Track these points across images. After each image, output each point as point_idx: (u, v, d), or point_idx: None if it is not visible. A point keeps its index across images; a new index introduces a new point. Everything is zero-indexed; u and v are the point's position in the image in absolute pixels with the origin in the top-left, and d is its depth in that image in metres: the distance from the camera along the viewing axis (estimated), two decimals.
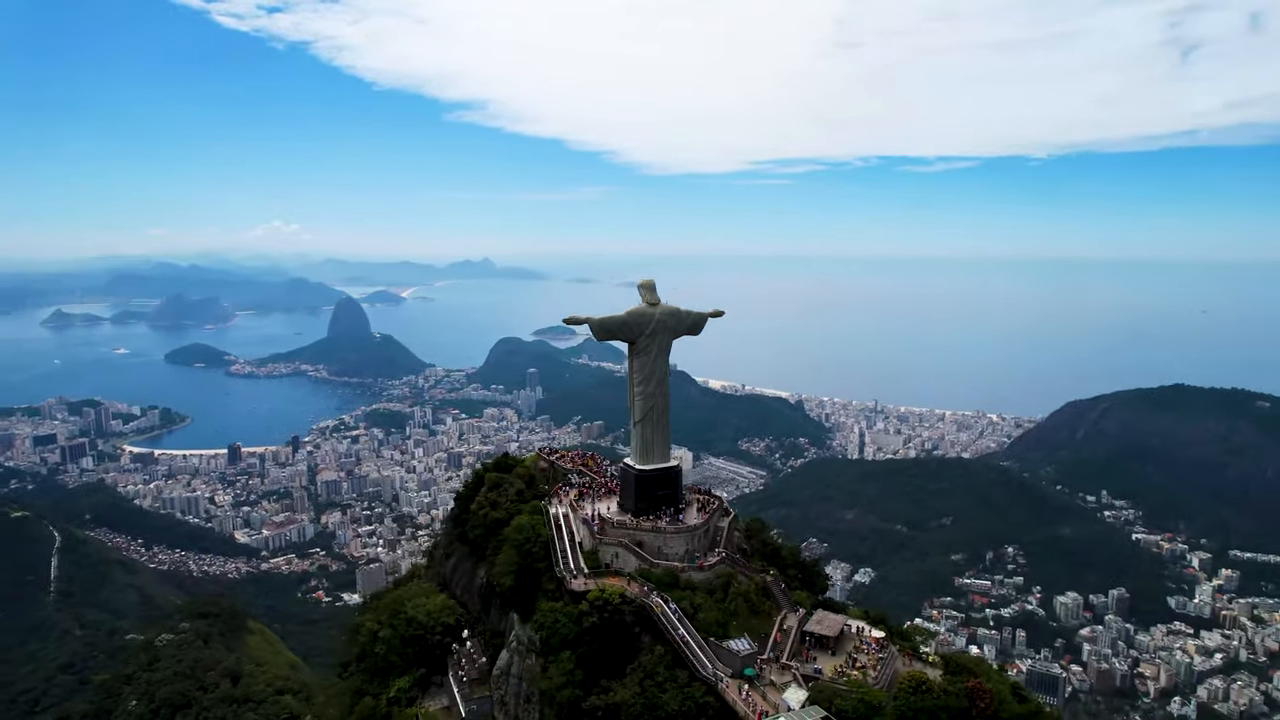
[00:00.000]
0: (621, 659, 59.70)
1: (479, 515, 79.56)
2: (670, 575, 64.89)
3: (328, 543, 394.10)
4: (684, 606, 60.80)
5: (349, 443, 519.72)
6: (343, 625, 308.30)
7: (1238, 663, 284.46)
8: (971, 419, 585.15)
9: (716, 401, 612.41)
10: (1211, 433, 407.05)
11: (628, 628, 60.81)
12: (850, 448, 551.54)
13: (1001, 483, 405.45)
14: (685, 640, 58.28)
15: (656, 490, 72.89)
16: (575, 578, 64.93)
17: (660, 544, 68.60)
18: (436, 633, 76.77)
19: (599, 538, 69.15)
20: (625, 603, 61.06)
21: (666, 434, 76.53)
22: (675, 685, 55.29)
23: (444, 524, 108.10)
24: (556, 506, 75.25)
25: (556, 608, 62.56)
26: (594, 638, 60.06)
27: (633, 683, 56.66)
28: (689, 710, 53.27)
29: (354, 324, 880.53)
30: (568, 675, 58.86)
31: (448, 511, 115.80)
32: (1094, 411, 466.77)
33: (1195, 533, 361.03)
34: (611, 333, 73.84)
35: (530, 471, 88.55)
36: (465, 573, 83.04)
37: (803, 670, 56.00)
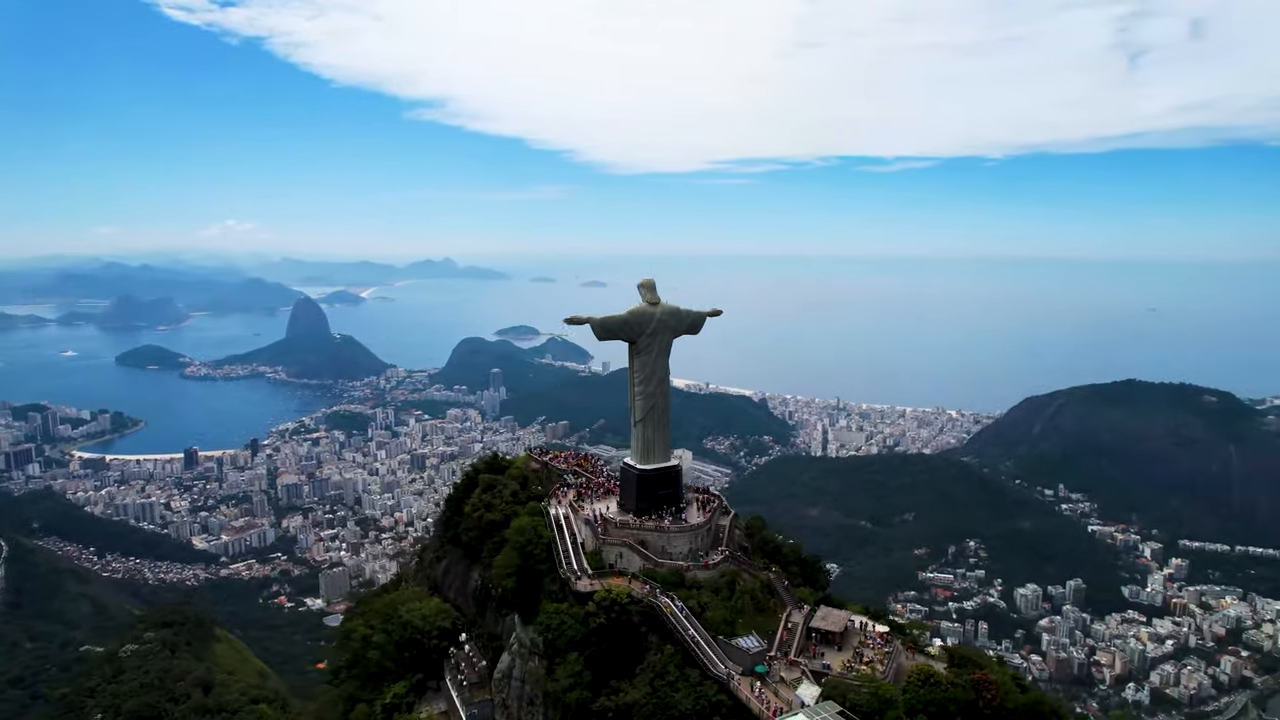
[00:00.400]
0: (629, 660, 59.67)
1: (473, 517, 78.83)
2: (675, 574, 65.03)
3: (289, 547, 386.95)
4: (691, 605, 60.99)
5: (310, 445, 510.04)
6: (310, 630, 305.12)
7: (1188, 648, 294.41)
8: (931, 415, 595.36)
9: (680, 400, 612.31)
10: (1161, 427, 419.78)
11: (634, 628, 60.85)
12: (814, 445, 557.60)
13: (962, 478, 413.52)
14: (695, 639, 58.40)
15: (658, 490, 73.01)
16: (580, 579, 64.76)
17: (664, 543, 68.72)
18: (433, 637, 75.87)
19: (602, 538, 69.01)
20: (633, 603, 61.11)
21: (667, 433, 76.79)
22: (687, 684, 55.42)
23: (433, 526, 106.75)
24: (555, 507, 74.91)
25: (562, 609, 62.29)
26: (601, 639, 59.95)
27: (643, 683, 56.66)
28: (703, 709, 53.44)
29: (313, 325, 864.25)
30: (575, 677, 58.63)
31: (436, 514, 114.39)
32: (1050, 407, 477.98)
33: (1147, 524, 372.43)
34: (613, 332, 73.84)
35: (523, 472, 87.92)
36: (458, 575, 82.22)
37: (811, 666, 56.65)
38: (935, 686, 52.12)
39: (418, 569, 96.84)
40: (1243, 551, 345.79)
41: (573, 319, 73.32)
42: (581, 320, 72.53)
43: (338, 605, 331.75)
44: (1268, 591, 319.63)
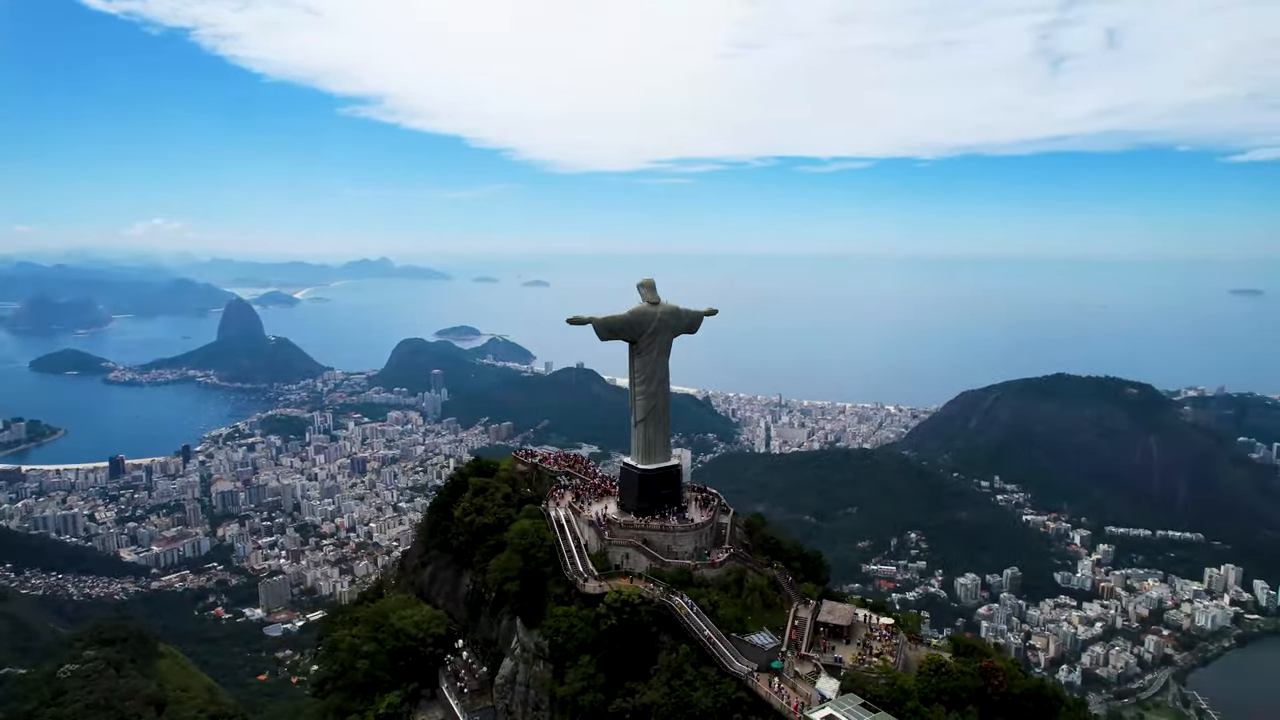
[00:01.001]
0: (641, 661, 59.62)
1: (464, 522, 77.49)
2: (683, 574, 65.24)
3: (225, 556, 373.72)
4: (702, 604, 61.32)
5: (245, 451, 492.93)
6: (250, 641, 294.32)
7: (1115, 630, 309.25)
8: (871, 411, 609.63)
9: (624, 398, 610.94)
10: (1088, 419, 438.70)
11: (646, 628, 60.82)
12: (757, 442, 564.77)
13: (902, 471, 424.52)
14: (710, 637, 58.67)
15: (660, 489, 73.13)
16: (587, 581, 64.38)
17: (670, 543, 68.82)
18: (428, 644, 74.30)
19: (608, 539, 68.73)
20: (645, 603, 61.06)
21: (667, 433, 76.99)
22: (705, 683, 55.68)
23: (416, 531, 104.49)
24: (554, 509, 74.22)
25: (571, 612, 61.83)
26: (613, 640, 59.76)
27: (660, 683, 56.71)
28: (724, 706, 53.79)
29: (246, 327, 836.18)
30: (588, 679, 58.32)
31: (419, 520, 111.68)
32: (985, 401, 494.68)
33: (1076, 512, 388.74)
34: (614, 332, 73.62)
35: (512, 475, 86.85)
36: (447, 581, 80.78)
37: (823, 660, 57.59)
38: (947, 676, 53.75)
39: (400, 575, 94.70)
40: (1163, 536, 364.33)
41: (575, 319, 72.89)
42: (584, 320, 72.15)
43: (278, 615, 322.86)
44: (1186, 573, 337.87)
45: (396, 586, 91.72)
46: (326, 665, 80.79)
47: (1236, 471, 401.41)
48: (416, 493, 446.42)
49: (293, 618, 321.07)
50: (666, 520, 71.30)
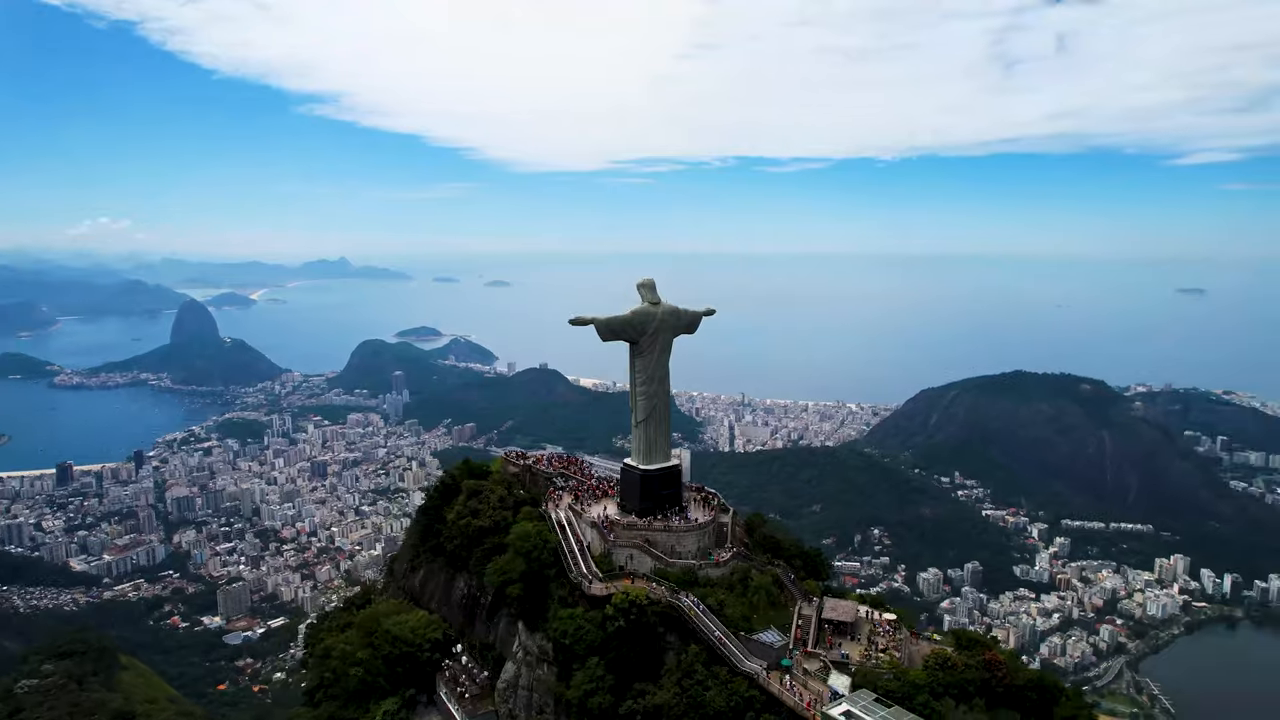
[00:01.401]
0: (649, 662, 59.57)
1: (458, 525, 76.57)
2: (688, 574, 65.36)
3: (182, 564, 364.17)
4: (709, 604, 61.46)
5: (201, 455, 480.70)
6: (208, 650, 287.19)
7: (1071, 620, 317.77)
8: (833, 409, 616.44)
9: (589, 399, 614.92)
10: (1044, 414, 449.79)
11: (653, 629, 60.81)
12: (721, 440, 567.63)
13: (865, 468, 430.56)
14: (720, 637, 58.86)
15: (661, 490, 73.14)
16: (593, 583, 64.10)
17: (674, 543, 68.84)
18: (425, 650, 73.23)
19: (611, 540, 68.49)
20: (653, 604, 61.01)
21: (668, 433, 77.09)
22: (717, 682, 55.83)
23: (406, 536, 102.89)
24: (554, 511, 73.74)
25: (577, 614, 61.52)
26: (621, 642, 59.61)
27: (670, 683, 56.72)
28: (737, 705, 54.00)
29: (200, 328, 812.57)
30: (597, 681, 58.09)
31: (411, 523, 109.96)
32: (945, 398, 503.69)
33: (1033, 506, 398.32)
34: (616, 333, 73.33)
35: (504, 477, 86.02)
36: (440, 585, 79.73)
37: (830, 657, 58.15)
38: (953, 669, 54.75)
39: (389, 581, 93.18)
40: (1115, 528, 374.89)
41: (577, 319, 72.37)
42: (586, 321, 71.69)
43: (238, 622, 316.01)
44: (1137, 564, 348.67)
45: (386, 592, 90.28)
46: (317, 673, 79.07)
47: (1183, 465, 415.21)
48: (379, 496, 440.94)
49: (253, 625, 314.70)
50: (669, 520, 71.33)
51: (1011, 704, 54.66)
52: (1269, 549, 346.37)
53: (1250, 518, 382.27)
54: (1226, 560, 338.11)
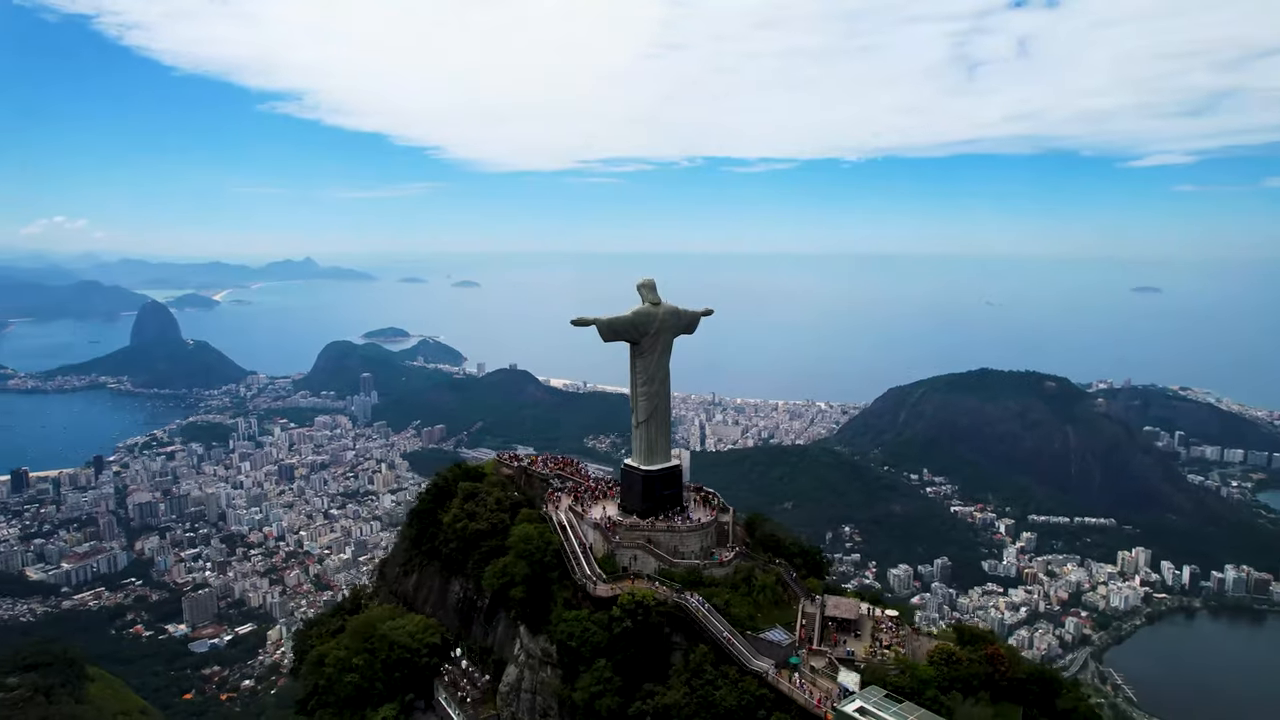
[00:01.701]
0: (656, 662, 59.50)
1: (455, 528, 75.80)
2: (693, 573, 65.44)
3: (144, 571, 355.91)
4: (715, 603, 61.59)
5: (164, 460, 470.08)
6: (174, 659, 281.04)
7: (1038, 613, 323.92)
8: (803, 408, 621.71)
9: (559, 400, 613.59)
10: (1010, 411, 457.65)
11: (659, 630, 60.78)
12: (693, 440, 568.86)
13: (835, 466, 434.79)
14: (728, 636, 58.97)
15: (662, 490, 73.12)
16: (598, 584, 63.85)
17: (677, 543, 68.89)
18: (423, 654, 72.32)
19: (615, 541, 68.28)
20: (660, 604, 60.97)
21: (669, 434, 77.15)
22: (726, 681, 55.95)
23: (397, 539, 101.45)
24: (554, 513, 73.29)
25: (582, 616, 61.26)
26: (628, 642, 59.48)
27: (679, 683, 56.69)
28: (748, 704, 54.13)
29: (162, 330, 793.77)
30: (605, 683, 57.88)
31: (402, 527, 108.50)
32: (913, 396, 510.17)
33: (1000, 501, 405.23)
34: (618, 333, 73.22)
35: (499, 479, 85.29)
36: (434, 589, 78.84)
37: (836, 654, 58.63)
38: (957, 664, 55.58)
39: (380, 585, 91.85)
40: (1080, 522, 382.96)
41: (579, 320, 72.12)
42: (588, 321, 71.58)
43: (204, 630, 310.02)
44: (1101, 557, 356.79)
45: (377, 596, 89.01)
46: (311, 680, 77.66)
47: (1144, 459, 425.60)
48: (348, 499, 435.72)
49: (220, 632, 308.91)
50: (672, 521, 71.36)
51: (1014, 697, 55.63)
52: (1224, 541, 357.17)
53: (1207, 510, 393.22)
54: (1185, 552, 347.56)
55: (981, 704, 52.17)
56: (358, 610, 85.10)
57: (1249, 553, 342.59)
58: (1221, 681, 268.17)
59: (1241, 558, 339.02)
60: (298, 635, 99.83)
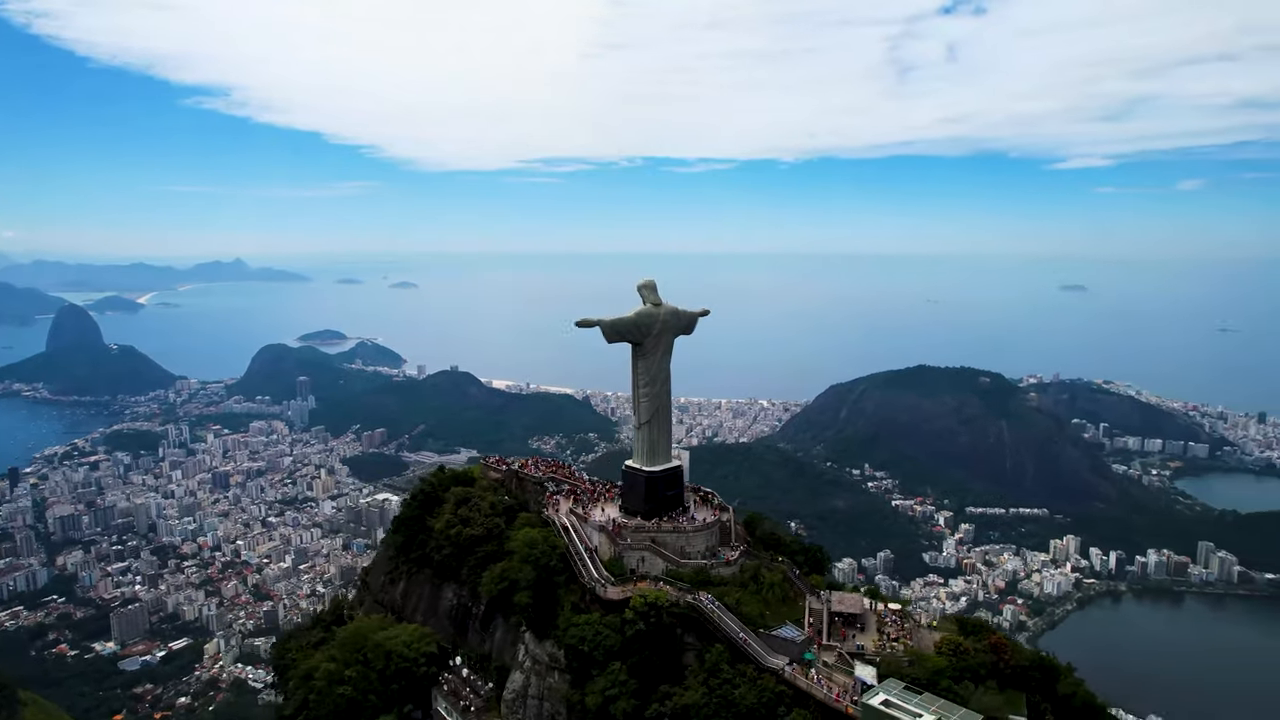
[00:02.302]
0: (669, 663, 59.36)
1: (448, 534, 74.17)
2: (701, 574, 65.50)
3: (68, 587, 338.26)
4: (726, 603, 61.77)
5: (86, 470, 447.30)
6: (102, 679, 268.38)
7: (978, 602, 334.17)
8: (745, 406, 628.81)
9: (502, 401, 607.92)
10: (947, 406, 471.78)
11: (672, 631, 60.68)
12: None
13: (780, 463, 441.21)
14: (742, 635, 59.18)
15: (665, 491, 72.98)
16: (608, 587, 63.34)
17: (683, 544, 68.88)
18: (421, 664, 70.50)
19: (623, 543, 67.84)
20: (673, 605, 60.85)
21: (670, 434, 77.07)
22: (744, 679, 56.21)
23: (381, 548, 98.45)
24: (555, 516, 72.37)
25: (593, 619, 60.68)
26: (642, 645, 59.20)
27: (697, 684, 56.72)
28: (768, 701, 54.50)
29: (82, 335, 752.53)
30: (620, 686, 57.47)
31: (386, 534, 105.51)
32: (853, 393, 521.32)
33: (939, 494, 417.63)
34: (621, 334, 72.81)
35: (489, 483, 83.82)
36: (425, 597, 77.04)
37: (846, 649, 59.54)
38: (965, 655, 57.18)
39: (363, 595, 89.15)
40: (1015, 513, 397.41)
41: (583, 321, 71.37)
42: (592, 322, 70.92)
43: (135, 647, 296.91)
44: (1034, 546, 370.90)
45: (361, 606, 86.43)
46: (299, 694, 74.79)
47: (1073, 451, 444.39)
48: (286, 506, 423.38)
49: (152, 648, 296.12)
50: (677, 521, 71.37)
51: (1017, 684, 57.50)
52: (1146, 527, 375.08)
53: (1131, 499, 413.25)
54: (1111, 539, 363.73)
55: (991, 692, 53.79)
56: (339, 622, 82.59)
57: (1169, 538, 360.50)
58: (1147, 663, 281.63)
59: (1162, 542, 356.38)
60: (276, 649, 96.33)
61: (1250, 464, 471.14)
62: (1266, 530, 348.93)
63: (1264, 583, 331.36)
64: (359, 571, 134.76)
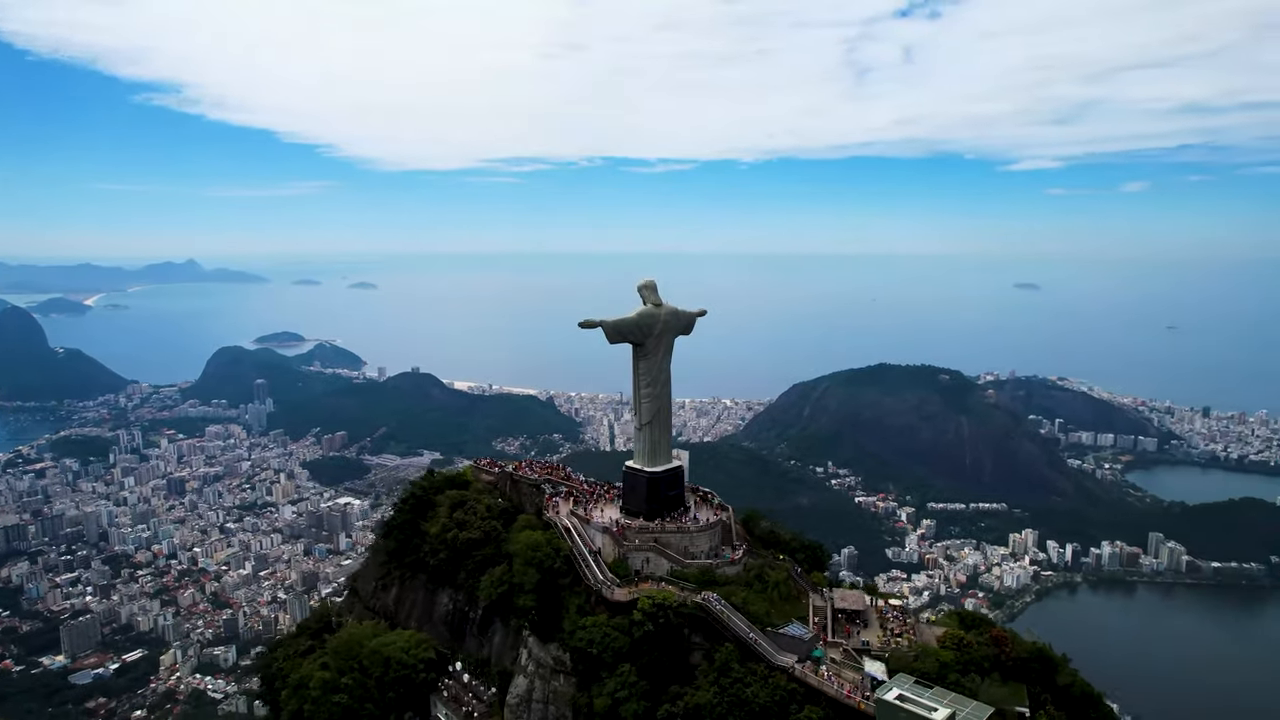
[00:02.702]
0: (677, 664, 59.28)
1: (445, 538, 73.10)
2: (706, 573, 65.53)
3: (13, 600, 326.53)
4: (733, 602, 61.91)
5: (32, 478, 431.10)
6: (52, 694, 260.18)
7: (940, 596, 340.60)
8: (709, 405, 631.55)
9: (465, 403, 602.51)
10: (908, 403, 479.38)
11: (679, 631, 60.65)
12: (602, 439, 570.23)
13: (745, 461, 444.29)
14: (751, 634, 59.37)
15: (667, 491, 72.91)
16: (614, 588, 63.02)
17: (687, 544, 68.88)
18: (420, 670, 69.31)
19: (629, 544, 67.52)
20: (682, 605, 60.79)
21: (670, 435, 76.99)
22: (755, 678, 56.40)
23: (370, 554, 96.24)
24: (556, 518, 71.75)
25: (601, 621, 60.31)
26: (651, 646, 59.02)
27: (707, 683, 56.74)
28: (781, 699, 54.73)
29: (25, 337, 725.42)
30: (630, 688, 57.20)
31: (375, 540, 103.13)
32: (816, 391, 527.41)
33: (901, 490, 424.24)
34: (624, 334, 72.56)
35: (483, 486, 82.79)
36: (419, 603, 75.85)
37: (852, 645, 60.11)
38: (969, 648, 58.20)
39: (351, 602, 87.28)
40: (975, 508, 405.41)
41: (586, 322, 70.90)
42: (595, 323, 70.52)
43: (86, 659, 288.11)
44: (994, 540, 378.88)
45: (351, 614, 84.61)
46: (293, 704, 72.96)
47: (1030, 446, 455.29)
48: (244, 511, 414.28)
49: (105, 661, 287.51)
50: (680, 521, 71.40)
51: (1018, 675, 58.64)
52: (1100, 519, 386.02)
53: (1085, 492, 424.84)
54: (1068, 531, 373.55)
55: (996, 684, 54.85)
56: (328, 630, 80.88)
57: (1121, 529, 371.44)
58: (1101, 652, 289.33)
59: (1115, 534, 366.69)
60: (261, 659, 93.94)
61: (1196, 457, 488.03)
62: (1212, 521, 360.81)
63: (1210, 571, 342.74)
64: (346, 578, 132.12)
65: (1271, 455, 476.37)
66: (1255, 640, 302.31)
